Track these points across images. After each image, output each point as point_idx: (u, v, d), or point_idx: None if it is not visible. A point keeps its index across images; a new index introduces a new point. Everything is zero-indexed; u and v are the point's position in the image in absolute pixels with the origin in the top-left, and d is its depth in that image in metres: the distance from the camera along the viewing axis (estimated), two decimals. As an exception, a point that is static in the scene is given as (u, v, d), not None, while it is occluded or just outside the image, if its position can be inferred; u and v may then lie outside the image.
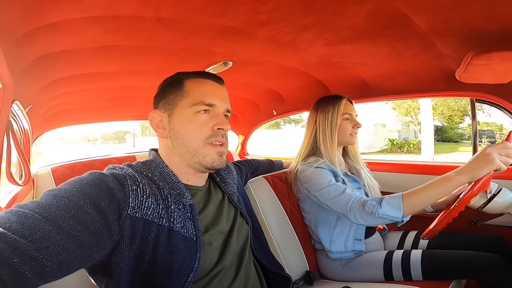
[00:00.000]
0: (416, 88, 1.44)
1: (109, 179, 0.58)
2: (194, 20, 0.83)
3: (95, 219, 0.51)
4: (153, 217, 0.61)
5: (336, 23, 0.84)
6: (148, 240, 0.59)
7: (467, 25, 0.76)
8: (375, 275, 1.14)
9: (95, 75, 1.28)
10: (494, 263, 0.99)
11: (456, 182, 0.90)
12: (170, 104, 0.74)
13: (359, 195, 1.08)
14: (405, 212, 0.96)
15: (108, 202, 0.55)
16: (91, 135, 41.48)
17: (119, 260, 0.56)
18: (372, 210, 0.98)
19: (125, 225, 0.56)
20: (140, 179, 0.63)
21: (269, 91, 1.86)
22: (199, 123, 0.72)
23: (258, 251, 0.87)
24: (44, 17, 0.69)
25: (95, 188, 0.55)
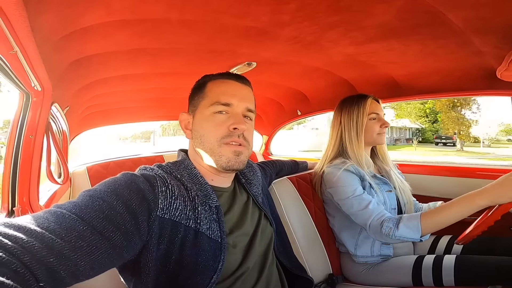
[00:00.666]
0: (452, 87, 1.36)
1: (140, 180, 0.60)
2: (218, 21, 0.83)
3: (127, 219, 0.53)
4: (181, 218, 0.62)
5: (363, 21, 0.81)
6: (175, 241, 0.61)
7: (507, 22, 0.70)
8: (403, 280, 1.10)
9: (126, 77, 1.33)
10: None
11: (476, 206, 0.87)
12: (194, 106, 0.77)
13: (381, 212, 1.04)
14: (423, 233, 0.94)
15: (139, 203, 0.56)
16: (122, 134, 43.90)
17: (147, 260, 0.58)
18: (389, 232, 0.97)
19: (154, 225, 0.58)
20: (169, 181, 0.65)
21: (293, 91, 1.84)
22: (216, 123, 0.72)
23: (281, 253, 0.87)
24: (77, 21, 0.73)
25: (127, 189, 0.57)
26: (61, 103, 1.21)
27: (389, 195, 1.22)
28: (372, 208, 1.05)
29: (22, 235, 0.41)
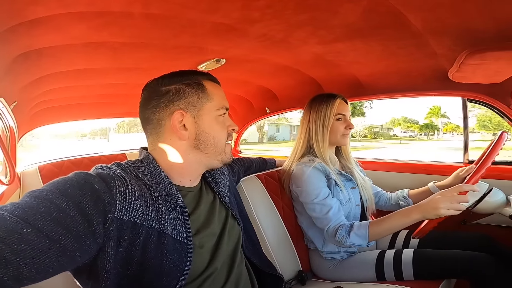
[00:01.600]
0: (409, 87, 1.44)
1: (95, 180, 0.56)
2: (185, 17, 0.80)
3: (79, 221, 0.50)
4: (142, 219, 0.59)
5: (330, 20, 0.83)
6: (137, 243, 0.58)
7: (462, 24, 0.76)
8: (367, 275, 1.15)
9: (82, 72, 1.24)
10: (484, 262, 1.01)
11: (411, 219, 0.99)
12: (195, 106, 0.73)
13: (338, 219, 1.12)
14: (369, 240, 1.06)
15: (93, 204, 0.53)
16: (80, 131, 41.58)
17: (105, 263, 0.55)
18: (342, 239, 1.07)
19: (111, 228, 0.54)
20: (129, 180, 0.61)
21: (262, 88, 1.85)
22: (222, 125, 0.78)
23: (250, 251, 0.87)
24: (22, 12, 0.66)
25: (79, 190, 0.53)
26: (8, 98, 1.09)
27: (353, 192, 1.27)
28: (331, 215, 1.12)
29: None
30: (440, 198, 0.93)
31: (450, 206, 0.91)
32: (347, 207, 1.22)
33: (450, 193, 0.93)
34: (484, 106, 1.35)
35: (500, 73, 0.99)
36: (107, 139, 30.06)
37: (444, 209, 0.91)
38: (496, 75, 1.01)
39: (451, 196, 0.92)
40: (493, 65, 0.89)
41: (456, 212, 0.92)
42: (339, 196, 1.20)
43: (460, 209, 0.92)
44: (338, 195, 1.20)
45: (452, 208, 0.91)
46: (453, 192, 0.93)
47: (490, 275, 0.98)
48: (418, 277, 1.08)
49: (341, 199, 1.20)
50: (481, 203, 1.09)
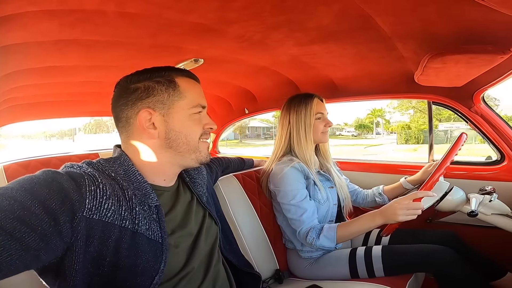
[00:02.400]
0: (379, 90, 1.51)
1: (63, 179, 0.55)
2: (162, 16, 0.80)
3: (44, 220, 0.49)
4: (114, 219, 0.59)
5: (305, 23, 0.85)
6: (108, 243, 0.58)
7: (424, 28, 0.80)
8: (342, 272, 1.19)
9: (52, 69, 1.19)
10: (448, 256, 1.07)
11: (375, 223, 1.07)
12: (165, 104, 0.71)
13: (311, 222, 1.16)
14: (337, 243, 1.13)
15: (60, 203, 0.52)
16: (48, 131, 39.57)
17: (73, 263, 0.54)
18: (312, 241, 1.13)
19: (79, 227, 0.54)
20: (100, 179, 0.60)
21: (241, 89, 1.86)
22: (196, 123, 0.76)
23: (227, 251, 0.88)
24: None
25: (46, 188, 0.52)
26: None
27: (331, 191, 1.31)
28: (304, 218, 1.16)
29: None
30: (397, 206, 1.01)
31: (406, 212, 1.00)
32: (325, 207, 1.26)
33: (405, 200, 1.01)
34: (448, 109, 1.45)
35: (461, 77, 1.07)
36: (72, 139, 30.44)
37: (401, 215, 1.00)
38: (457, 78, 1.09)
39: (407, 204, 1.00)
40: (453, 68, 0.95)
41: (413, 217, 1.00)
42: (317, 196, 1.24)
43: (416, 214, 1.00)
44: (316, 195, 1.24)
45: (408, 214, 1.00)
46: (408, 199, 1.01)
47: (453, 268, 1.05)
48: (388, 272, 1.13)
49: (319, 199, 1.24)
50: (443, 202, 1.17)
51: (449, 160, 1.07)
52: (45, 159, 1.90)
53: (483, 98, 1.31)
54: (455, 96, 1.35)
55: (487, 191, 1.21)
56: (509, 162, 1.36)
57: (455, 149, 1.08)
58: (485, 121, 1.34)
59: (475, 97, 1.28)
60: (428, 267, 1.10)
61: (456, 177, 1.41)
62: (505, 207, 1.17)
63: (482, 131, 1.37)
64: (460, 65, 0.90)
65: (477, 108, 1.33)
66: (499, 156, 1.41)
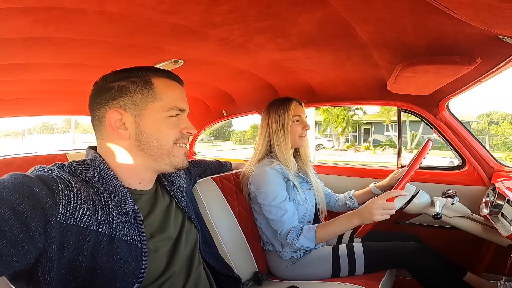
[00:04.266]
0: (354, 96, 1.58)
1: (34, 183, 0.52)
2: (143, 16, 0.78)
3: (14, 226, 0.47)
4: (90, 224, 0.57)
5: (288, 29, 0.87)
6: (84, 248, 0.56)
7: (399, 38, 0.86)
8: (323, 270, 1.22)
9: (21, 66, 1.12)
10: (422, 251, 1.17)
11: (352, 224, 1.12)
12: (137, 105, 0.68)
13: (291, 223, 1.19)
14: (316, 243, 1.16)
15: (31, 208, 0.50)
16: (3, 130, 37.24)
17: (47, 269, 0.52)
18: (292, 241, 1.15)
19: (52, 232, 0.52)
20: (74, 183, 0.58)
21: (220, 91, 1.85)
22: (171, 127, 0.72)
23: (206, 254, 0.87)
24: None
25: (15, 193, 0.49)
26: None
27: (309, 193, 1.35)
28: (285, 219, 1.18)
29: None
30: (373, 206, 1.07)
31: (382, 212, 1.06)
32: (303, 208, 1.29)
33: (380, 200, 1.07)
34: (415, 115, 1.55)
35: (428, 86, 1.15)
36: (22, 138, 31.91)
37: (378, 215, 1.05)
38: (424, 87, 1.17)
39: (382, 204, 1.06)
40: (423, 78, 1.02)
41: (387, 217, 1.06)
42: (296, 197, 1.26)
43: (390, 213, 1.07)
44: (295, 196, 1.26)
45: (384, 213, 1.06)
46: (382, 199, 1.07)
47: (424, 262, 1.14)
48: (368, 269, 1.19)
49: (298, 200, 1.26)
50: (410, 204, 1.25)
51: (417, 165, 1.14)
52: (8, 159, 1.77)
53: (447, 106, 1.42)
54: (423, 104, 1.45)
55: (449, 194, 1.30)
56: (470, 167, 1.48)
57: (422, 154, 1.16)
58: (448, 128, 1.45)
59: (440, 105, 1.38)
60: (405, 261, 1.17)
61: (421, 181, 1.51)
62: (466, 209, 1.27)
63: (445, 137, 1.48)
64: (429, 74, 0.97)
65: (441, 116, 1.43)
66: (461, 161, 1.52)
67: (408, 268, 1.17)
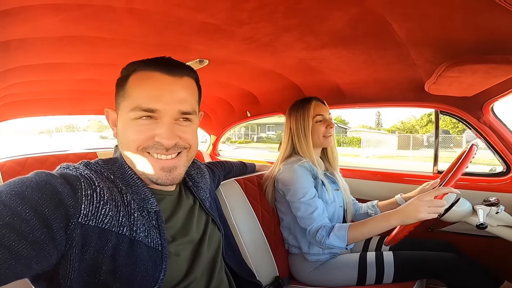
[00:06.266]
0: (386, 97, 1.50)
1: (57, 182, 0.51)
2: (170, 14, 0.77)
3: (36, 227, 0.45)
4: (111, 225, 0.55)
5: (317, 26, 0.83)
6: (105, 250, 0.54)
7: (444, 36, 0.78)
8: (349, 276, 1.17)
9: (54, 66, 1.17)
10: (456, 262, 1.07)
11: (390, 224, 1.03)
12: (117, 104, 0.66)
13: (321, 220, 1.13)
14: (348, 243, 1.08)
15: (53, 209, 0.48)
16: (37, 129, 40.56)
17: (68, 271, 0.50)
18: (321, 240, 1.09)
19: (74, 234, 0.50)
20: (97, 183, 0.56)
21: (244, 92, 1.83)
22: (135, 130, 0.62)
23: (230, 258, 0.84)
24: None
25: (38, 192, 0.48)
26: None
27: (337, 194, 1.30)
28: (315, 216, 1.13)
29: None
30: (419, 202, 0.97)
31: (428, 210, 0.95)
32: (331, 208, 1.24)
33: (427, 197, 0.98)
34: (455, 118, 1.43)
35: (474, 87, 1.05)
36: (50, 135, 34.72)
37: (424, 212, 0.95)
38: (469, 88, 1.07)
39: (429, 201, 0.97)
40: (469, 79, 0.93)
41: (434, 215, 0.96)
42: (324, 197, 1.22)
43: (439, 211, 0.97)
44: (324, 196, 1.22)
45: (431, 211, 0.96)
46: (430, 196, 0.98)
47: (460, 274, 1.04)
48: (396, 278, 1.12)
49: (327, 200, 1.22)
50: (449, 213, 1.15)
51: (460, 173, 1.04)
52: (42, 157, 1.86)
53: (492, 108, 1.29)
54: (464, 106, 1.34)
55: (491, 202, 1.19)
56: (515, 174, 1.34)
57: (466, 160, 1.06)
58: (493, 132, 1.33)
59: (484, 107, 1.27)
60: (439, 271, 1.08)
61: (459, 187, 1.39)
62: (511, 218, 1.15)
63: (489, 142, 1.36)
64: (477, 74, 0.88)
65: (485, 119, 1.31)
66: (505, 167, 1.39)
67: (442, 278, 1.09)
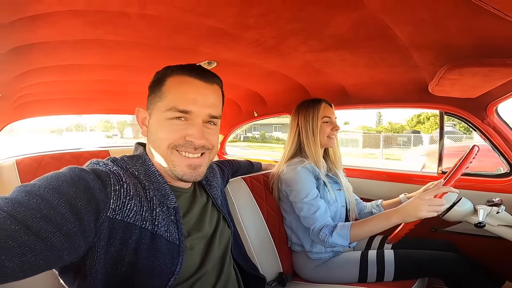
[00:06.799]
0: (391, 99, 1.51)
1: (89, 177, 0.55)
2: (181, 19, 0.82)
3: (69, 220, 0.48)
4: (135, 219, 0.58)
5: (320, 31, 0.86)
6: (128, 243, 0.57)
7: (443, 40, 0.81)
8: (350, 274, 1.19)
9: (71, 67, 1.23)
10: (458, 262, 1.09)
11: (391, 223, 1.05)
12: (151, 104, 0.71)
13: (324, 220, 1.16)
14: (350, 241, 1.11)
15: (86, 203, 0.51)
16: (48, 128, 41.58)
17: (94, 263, 0.54)
18: (324, 238, 1.12)
19: (102, 227, 0.53)
20: (124, 179, 0.60)
21: (251, 92, 1.87)
22: (169, 130, 0.67)
23: (236, 254, 0.88)
24: (25, 8, 0.66)
25: (72, 187, 0.51)
26: None
27: (339, 193, 1.33)
28: (318, 215, 1.16)
29: None
30: (420, 201, 0.99)
31: (429, 208, 0.98)
32: (333, 207, 1.27)
33: (427, 196, 1.00)
34: (460, 119, 1.43)
35: (476, 88, 1.06)
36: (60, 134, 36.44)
37: (424, 211, 0.97)
38: (471, 90, 1.08)
39: (429, 199, 0.99)
40: (469, 81, 0.95)
41: (434, 214, 0.99)
42: (326, 197, 1.25)
43: (439, 210, 0.99)
44: (325, 196, 1.25)
45: (431, 210, 0.98)
46: (430, 195, 1.00)
47: (461, 274, 1.06)
48: (397, 277, 1.14)
49: (328, 199, 1.25)
50: (451, 212, 1.17)
51: (460, 172, 1.06)
52: (57, 154, 1.94)
53: (496, 110, 1.30)
54: (468, 107, 1.34)
55: (494, 202, 1.19)
56: (519, 175, 1.35)
57: (466, 161, 1.08)
58: (497, 134, 1.33)
59: (488, 108, 1.27)
60: (440, 271, 1.10)
61: (464, 188, 1.40)
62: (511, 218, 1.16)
63: (493, 143, 1.36)
64: (477, 77, 0.90)
65: (489, 120, 1.31)
66: (509, 168, 1.39)
67: (443, 277, 1.11)
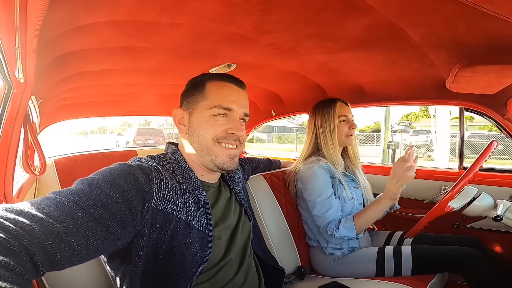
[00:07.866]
0: (409, 96, 1.51)
1: (137, 172, 0.63)
2: (205, 27, 0.89)
3: (122, 208, 0.55)
4: (173, 210, 0.65)
5: (335, 33, 0.90)
6: (166, 232, 0.64)
7: (454, 39, 0.82)
8: (367, 269, 1.21)
9: (104, 72, 1.33)
10: (477, 258, 1.08)
11: (382, 205, 1.16)
12: (191, 104, 0.79)
13: (334, 218, 1.20)
14: (357, 232, 1.18)
15: (134, 194, 0.59)
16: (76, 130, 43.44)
17: (139, 249, 0.61)
18: (332, 232, 1.18)
19: (147, 216, 0.61)
20: (163, 173, 0.68)
21: (269, 92, 1.92)
22: (214, 124, 0.76)
23: (256, 246, 0.94)
24: (76, 20, 0.75)
25: (124, 180, 0.59)
26: (37, 95, 1.19)
27: (356, 191, 1.34)
28: (328, 215, 1.21)
29: (24, 219, 0.43)
30: (393, 173, 1.11)
31: (406, 172, 1.08)
32: (349, 205, 1.29)
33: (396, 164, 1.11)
34: (480, 115, 1.41)
35: (492, 85, 1.05)
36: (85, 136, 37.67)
37: (403, 177, 1.08)
38: (489, 86, 1.07)
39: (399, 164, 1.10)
40: (484, 78, 0.95)
41: (413, 174, 1.09)
42: (342, 194, 1.27)
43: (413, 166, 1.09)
44: (341, 193, 1.27)
45: (409, 169, 1.08)
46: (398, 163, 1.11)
47: (480, 269, 1.05)
48: (414, 272, 1.14)
49: (344, 197, 1.27)
50: (470, 207, 1.16)
51: (478, 167, 1.06)
52: (90, 155, 2.09)
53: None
54: (488, 103, 1.32)
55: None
56: (542, 171, 1.31)
57: (484, 155, 1.08)
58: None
59: (509, 104, 1.25)
60: (458, 266, 1.10)
61: (486, 184, 1.39)
62: None
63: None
64: (491, 74, 0.90)
65: (510, 116, 1.29)
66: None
67: (462, 273, 1.11)
